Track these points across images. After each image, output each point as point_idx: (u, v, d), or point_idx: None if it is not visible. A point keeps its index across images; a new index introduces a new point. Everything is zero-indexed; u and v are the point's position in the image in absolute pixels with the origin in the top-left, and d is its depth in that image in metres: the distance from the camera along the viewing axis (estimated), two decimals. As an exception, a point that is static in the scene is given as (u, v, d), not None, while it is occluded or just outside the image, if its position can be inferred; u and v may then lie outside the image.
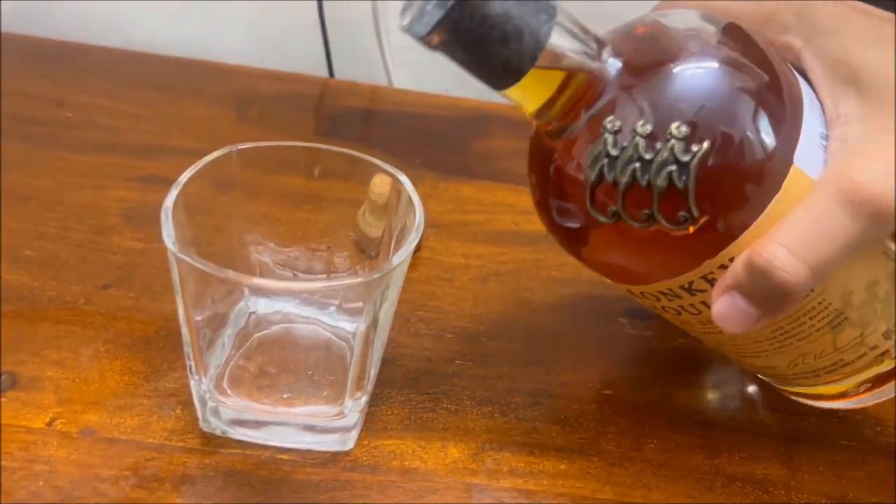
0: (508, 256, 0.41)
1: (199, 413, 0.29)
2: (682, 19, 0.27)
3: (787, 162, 0.25)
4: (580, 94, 0.25)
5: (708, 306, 0.26)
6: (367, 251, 0.34)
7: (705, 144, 0.24)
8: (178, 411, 0.30)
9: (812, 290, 0.26)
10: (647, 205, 0.24)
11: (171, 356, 0.32)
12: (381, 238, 0.33)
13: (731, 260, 0.25)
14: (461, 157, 0.50)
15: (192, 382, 0.29)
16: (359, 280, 0.25)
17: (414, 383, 0.33)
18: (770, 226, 0.25)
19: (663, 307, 0.28)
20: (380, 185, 0.33)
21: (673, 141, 0.24)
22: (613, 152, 0.24)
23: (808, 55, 0.26)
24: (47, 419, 0.29)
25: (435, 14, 0.23)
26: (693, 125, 0.24)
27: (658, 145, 0.24)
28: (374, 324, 0.27)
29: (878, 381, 0.30)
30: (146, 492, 0.27)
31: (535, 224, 0.30)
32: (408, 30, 0.24)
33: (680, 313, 0.28)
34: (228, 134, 0.49)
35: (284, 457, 0.29)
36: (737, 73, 0.25)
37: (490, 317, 0.37)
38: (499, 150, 0.51)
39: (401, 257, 0.26)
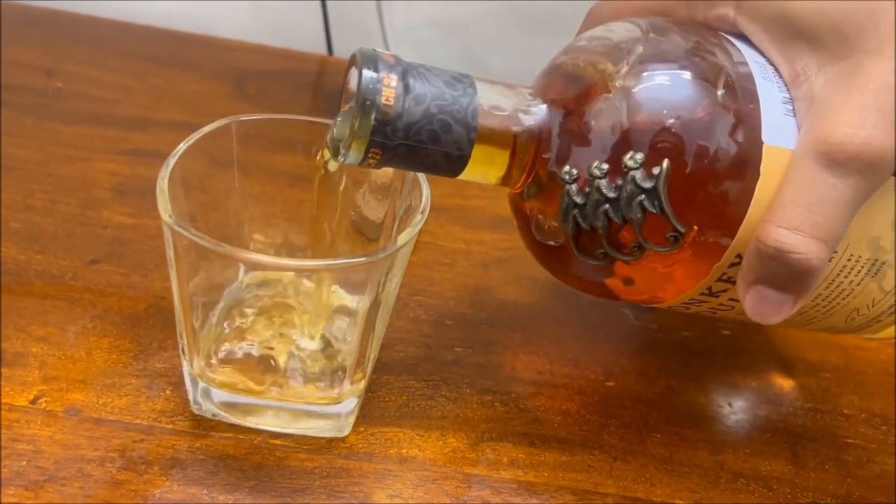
0: (510, 243, 0.40)
1: (190, 395, 0.28)
2: (604, 35, 0.26)
3: (757, 145, 0.24)
4: (531, 152, 0.25)
5: (737, 300, 0.25)
6: (367, 234, 0.33)
7: (665, 164, 0.23)
8: (167, 392, 0.29)
9: (835, 252, 0.25)
10: (633, 238, 0.24)
11: (161, 335, 0.31)
12: (382, 220, 0.32)
13: (739, 256, 0.24)
14: (462, 141, 0.49)
15: (183, 363, 0.27)
16: (363, 259, 0.24)
17: (412, 370, 0.32)
18: (764, 212, 0.24)
19: (695, 313, 0.28)
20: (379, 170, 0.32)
21: (631, 172, 0.23)
22: (580, 200, 0.24)
23: (744, 21, 0.25)
24: (31, 397, 0.28)
25: (361, 142, 0.23)
26: (645, 148, 0.23)
27: (619, 181, 0.23)
28: (375, 306, 0.26)
29: None
30: (133, 474, 0.26)
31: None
32: (344, 162, 0.24)
33: (715, 312, 0.28)
34: (223, 109, 0.47)
35: (278, 442, 0.28)
36: (672, 80, 0.24)
37: (491, 304, 0.36)
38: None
39: (406, 237, 0.25)
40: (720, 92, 0.24)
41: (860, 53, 0.23)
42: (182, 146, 0.26)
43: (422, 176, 0.28)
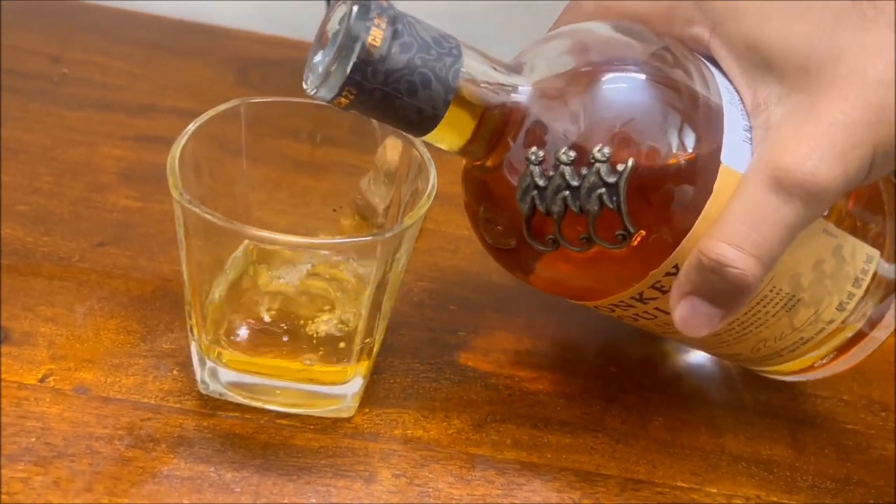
0: (513, 230, 0.40)
1: (197, 375, 0.28)
2: (585, 29, 0.26)
3: (715, 163, 0.24)
4: (500, 127, 0.25)
5: (663, 311, 0.26)
6: (372, 220, 0.33)
7: (630, 163, 0.23)
8: (175, 372, 0.29)
9: (774, 271, 0.26)
10: (584, 229, 0.24)
11: (168, 317, 0.31)
12: (387, 208, 0.32)
13: (676, 267, 0.25)
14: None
15: (191, 343, 0.28)
16: (371, 238, 0.24)
17: (417, 353, 0.32)
18: (708, 228, 0.24)
19: (619, 317, 0.28)
20: (389, 152, 0.32)
21: (597, 164, 0.23)
22: (541, 183, 0.24)
23: (717, 45, 0.25)
24: (40, 375, 0.28)
25: (338, 77, 0.23)
26: (614, 144, 0.23)
27: (584, 170, 0.24)
28: (382, 286, 0.26)
29: (842, 349, 0.30)
30: (141, 451, 0.26)
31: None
32: (314, 95, 0.24)
33: (636, 320, 0.28)
34: (227, 96, 0.46)
35: (284, 421, 0.28)
36: (651, 85, 0.25)
37: (494, 290, 0.36)
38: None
39: (414, 217, 0.25)
40: (696, 106, 0.24)
41: (818, 88, 0.24)
42: (191, 127, 0.27)
43: (429, 160, 0.28)
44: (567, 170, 0.24)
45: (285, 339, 0.29)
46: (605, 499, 0.28)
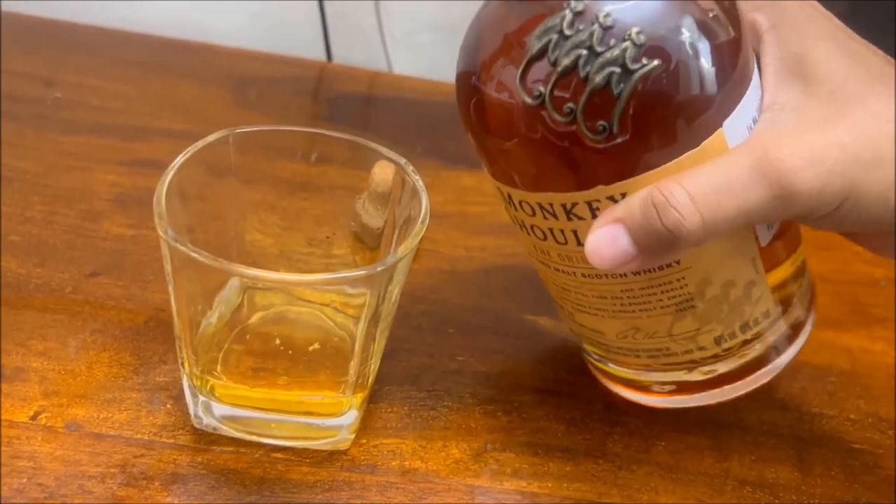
0: (512, 249, 0.39)
1: (190, 409, 0.28)
2: None
3: (717, 123, 0.24)
4: None
5: (577, 239, 0.26)
6: (367, 242, 0.33)
7: (655, 62, 0.23)
8: (168, 406, 0.29)
9: (678, 263, 0.26)
10: (575, 98, 0.23)
11: (162, 348, 0.31)
12: (382, 229, 0.32)
13: (623, 195, 0.25)
14: (463, 146, 0.48)
15: (183, 377, 0.27)
16: (362, 273, 0.24)
17: (415, 380, 0.32)
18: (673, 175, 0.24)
19: (532, 226, 0.27)
20: (381, 173, 0.32)
21: (628, 44, 0.23)
22: (567, 31, 0.23)
23: (768, 40, 0.26)
24: (32, 412, 0.28)
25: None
26: (654, 41, 0.23)
27: (612, 42, 0.23)
28: (375, 318, 0.26)
29: (684, 387, 0.30)
30: (135, 490, 0.26)
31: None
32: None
33: (545, 238, 0.27)
34: (223, 116, 0.47)
35: (279, 455, 0.28)
36: (713, 17, 0.24)
37: (494, 311, 0.36)
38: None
39: (406, 249, 0.24)
40: (735, 63, 0.25)
41: (836, 111, 0.24)
42: (179, 160, 0.26)
43: (421, 185, 0.27)
44: (598, 32, 0.23)
45: (280, 370, 0.29)
46: (607, 529, 0.27)
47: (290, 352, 0.29)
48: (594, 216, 0.25)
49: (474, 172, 0.46)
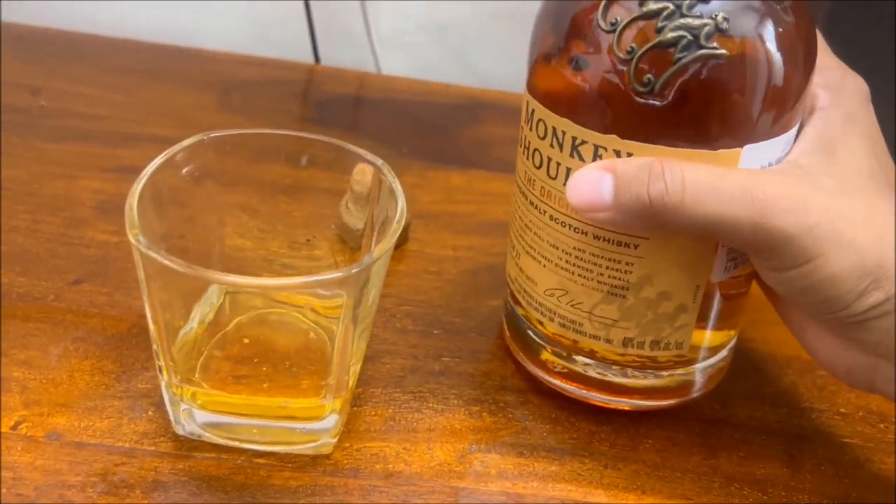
0: (500, 248, 0.39)
1: (171, 415, 0.28)
2: None
3: (742, 141, 0.25)
4: None
5: (567, 178, 0.26)
6: (350, 243, 0.33)
7: (723, 52, 0.24)
8: (150, 413, 0.29)
9: (636, 248, 0.26)
10: (641, 43, 0.24)
11: (145, 355, 0.31)
12: (363, 230, 0.32)
13: (629, 155, 0.25)
14: (452, 146, 0.48)
15: (161, 384, 0.27)
16: (337, 275, 0.24)
17: (399, 382, 0.31)
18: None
19: (536, 149, 0.28)
20: (361, 174, 0.31)
21: (711, 22, 0.24)
22: None
23: (819, 115, 0.27)
24: (12, 423, 0.28)
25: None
26: (735, 32, 0.24)
27: (699, 13, 0.24)
28: (353, 320, 0.25)
29: (571, 376, 0.30)
30: (115, 498, 0.26)
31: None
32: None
33: (540, 165, 0.27)
34: (210, 121, 0.47)
35: (261, 461, 0.28)
36: (792, 55, 0.25)
37: (480, 311, 0.35)
38: (492, 138, 0.49)
39: (381, 250, 0.24)
40: (791, 100, 0.25)
41: (841, 188, 0.25)
42: (151, 165, 0.26)
43: (397, 186, 0.27)
44: None
45: (261, 375, 0.28)
46: (592, 529, 0.27)
47: (272, 356, 0.29)
48: (593, 161, 0.26)
49: (462, 171, 0.45)
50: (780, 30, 0.25)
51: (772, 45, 0.24)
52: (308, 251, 0.32)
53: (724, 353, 0.31)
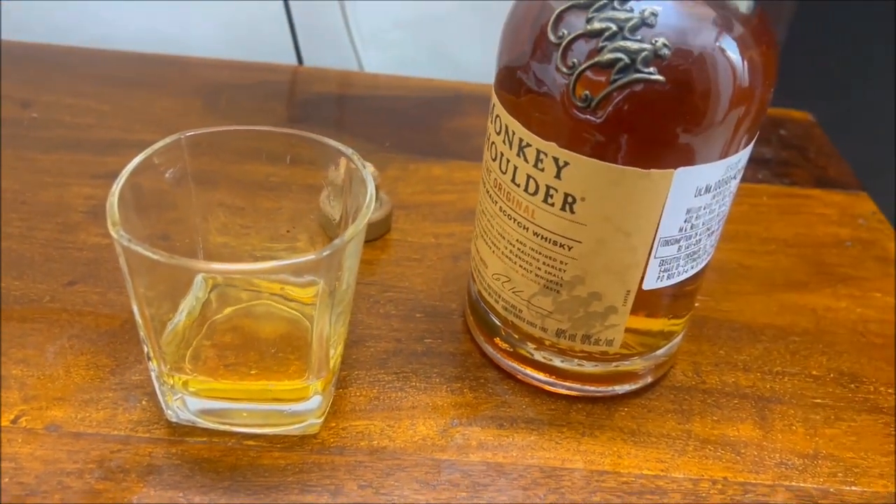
0: (479, 233, 0.40)
1: (162, 404, 0.29)
2: None
3: (675, 164, 0.25)
4: None
5: (514, 176, 0.27)
6: (329, 234, 0.34)
7: (659, 78, 0.24)
8: (143, 403, 0.30)
9: (570, 250, 0.27)
10: (582, 59, 0.24)
11: (137, 349, 0.32)
12: (340, 220, 0.33)
13: (566, 164, 0.26)
14: (433, 138, 0.49)
15: (151, 374, 0.28)
16: (310, 257, 0.25)
17: (382, 364, 0.33)
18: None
19: (493, 142, 0.28)
20: (339, 167, 0.33)
21: (650, 48, 0.24)
22: (616, 4, 0.24)
23: None
24: (12, 417, 0.29)
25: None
26: (675, 60, 0.24)
27: (640, 36, 0.24)
28: (329, 304, 0.27)
29: (520, 358, 0.32)
30: (111, 483, 0.27)
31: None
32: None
33: (495, 158, 0.29)
34: (195, 125, 0.47)
35: (251, 442, 0.29)
36: (758, 82, 0.25)
37: (461, 294, 0.37)
38: (473, 129, 0.51)
39: (352, 233, 0.25)
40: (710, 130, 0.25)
41: None
42: (129, 166, 0.27)
43: (367, 174, 0.28)
44: (636, 20, 0.24)
45: (249, 362, 0.30)
46: (570, 493, 0.28)
47: (257, 343, 0.31)
48: (535, 167, 0.27)
49: (443, 162, 0.47)
50: (729, 57, 0.24)
51: (715, 73, 0.24)
52: (290, 243, 0.33)
53: (668, 346, 0.32)
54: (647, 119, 0.24)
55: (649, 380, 0.32)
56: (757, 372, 0.34)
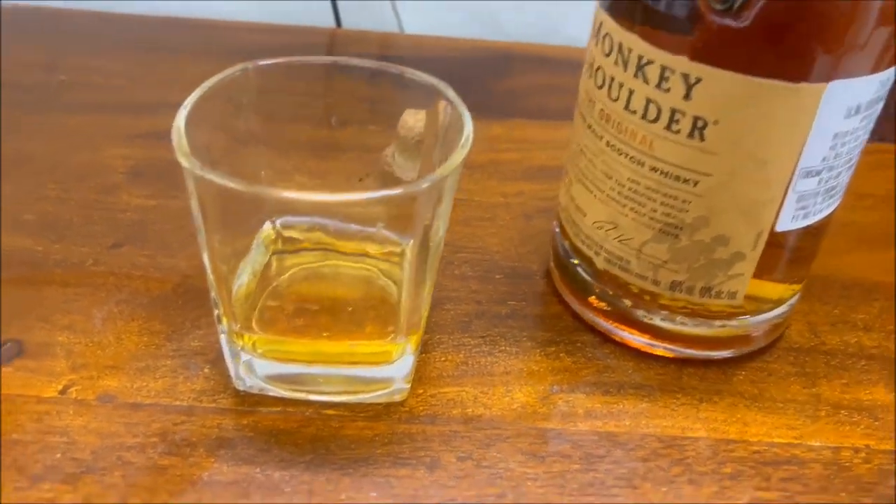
0: (552, 193, 0.37)
1: (231, 370, 0.26)
2: None
3: (828, 76, 0.22)
4: None
5: (628, 102, 0.24)
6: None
7: None
8: (206, 371, 0.26)
9: (695, 186, 0.24)
10: None
11: (194, 314, 0.29)
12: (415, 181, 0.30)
13: (698, 80, 0.23)
14: (487, 97, 0.46)
15: (221, 336, 0.25)
16: (409, 189, 0.21)
17: (466, 327, 0.29)
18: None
19: (599, 67, 0.25)
20: (412, 120, 0.30)
21: None
22: None
23: None
24: (60, 387, 0.26)
25: None
26: None
27: None
28: (424, 250, 0.23)
29: (616, 315, 0.29)
30: (178, 458, 0.24)
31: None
32: None
33: (602, 85, 0.25)
34: None
35: (331, 412, 0.25)
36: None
37: (540, 254, 0.33)
38: (525, 89, 0.47)
39: (452, 165, 0.22)
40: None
41: None
42: (197, 92, 0.24)
43: (464, 111, 0.25)
44: None
45: (320, 324, 0.26)
46: (696, 464, 0.25)
47: (330, 304, 0.27)
48: (658, 87, 0.23)
49: (501, 121, 0.43)
50: None
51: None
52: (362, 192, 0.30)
53: (784, 308, 0.28)
54: (799, 22, 0.21)
55: (758, 346, 0.29)
56: (880, 331, 0.30)
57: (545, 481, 0.24)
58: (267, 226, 0.28)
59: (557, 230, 0.31)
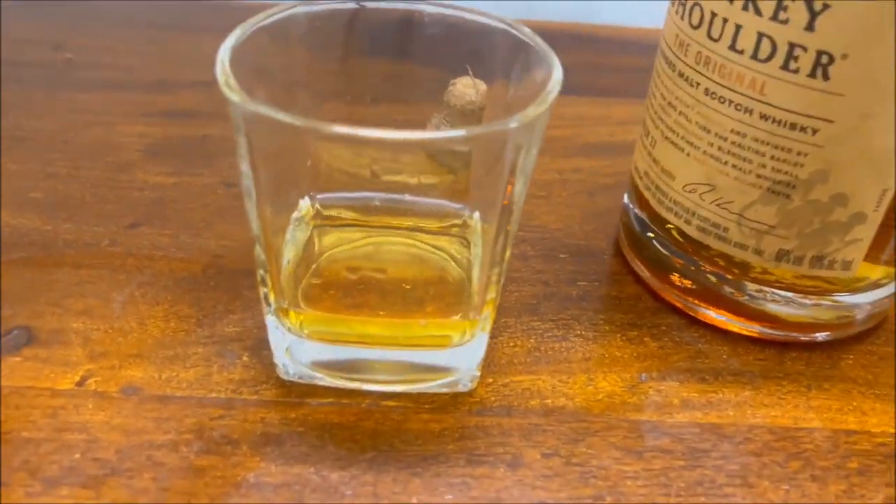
0: (611, 170, 0.34)
1: (276, 357, 0.22)
2: None
3: None
4: None
5: (734, 40, 0.21)
6: (449, 164, 0.27)
7: None
8: (245, 358, 0.23)
9: (815, 134, 0.21)
10: None
11: (227, 296, 0.25)
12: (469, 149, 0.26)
13: (826, 6, 0.20)
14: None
15: (267, 317, 0.22)
16: (495, 128, 0.18)
17: (534, 310, 0.26)
18: None
19: (695, 5, 0.22)
20: (463, 87, 0.27)
21: None
22: None
23: None
24: (77, 378, 0.22)
25: None
26: None
27: None
28: (507, 209, 0.20)
29: (702, 294, 0.25)
30: (218, 457, 0.20)
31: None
32: None
33: (699, 25, 0.22)
34: None
35: (391, 403, 0.22)
36: None
37: (606, 232, 0.30)
38: (571, 65, 0.44)
39: (543, 103, 0.19)
40: None
41: None
42: (238, 31, 0.21)
43: (544, 47, 0.22)
44: None
45: (372, 303, 0.23)
46: (817, 458, 0.21)
47: (383, 283, 0.24)
48: (774, 19, 0.20)
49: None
50: None
51: None
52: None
53: (892, 287, 0.25)
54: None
55: (861, 329, 0.26)
56: None
57: (646, 480, 0.21)
58: (305, 202, 0.25)
59: (629, 204, 0.28)
